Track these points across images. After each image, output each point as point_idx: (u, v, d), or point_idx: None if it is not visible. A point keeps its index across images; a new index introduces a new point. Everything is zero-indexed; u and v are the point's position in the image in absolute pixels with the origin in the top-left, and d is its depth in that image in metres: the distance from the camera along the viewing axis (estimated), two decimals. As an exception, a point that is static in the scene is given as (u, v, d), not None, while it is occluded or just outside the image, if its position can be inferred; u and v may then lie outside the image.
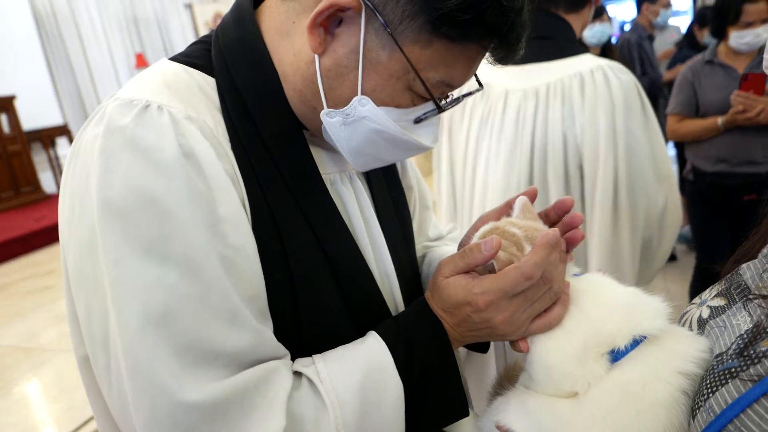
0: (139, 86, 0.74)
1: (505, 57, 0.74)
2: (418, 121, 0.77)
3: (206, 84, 0.77)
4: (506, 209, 0.89)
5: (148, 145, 0.66)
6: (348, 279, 0.80)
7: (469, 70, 0.75)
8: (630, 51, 4.53)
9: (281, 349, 0.73)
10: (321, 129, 0.78)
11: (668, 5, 4.56)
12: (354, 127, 0.75)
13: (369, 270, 0.83)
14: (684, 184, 3.32)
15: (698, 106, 2.93)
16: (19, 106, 7.48)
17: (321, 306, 0.77)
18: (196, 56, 0.80)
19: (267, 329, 0.71)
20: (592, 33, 3.86)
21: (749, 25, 2.67)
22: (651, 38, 4.65)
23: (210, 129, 0.72)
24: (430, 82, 0.72)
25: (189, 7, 10.77)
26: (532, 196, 0.87)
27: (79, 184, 0.69)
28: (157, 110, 0.69)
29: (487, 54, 0.75)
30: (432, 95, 0.73)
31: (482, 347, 1.01)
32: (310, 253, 0.77)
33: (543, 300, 0.75)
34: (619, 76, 1.68)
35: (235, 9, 0.82)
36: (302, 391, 0.70)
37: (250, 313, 0.69)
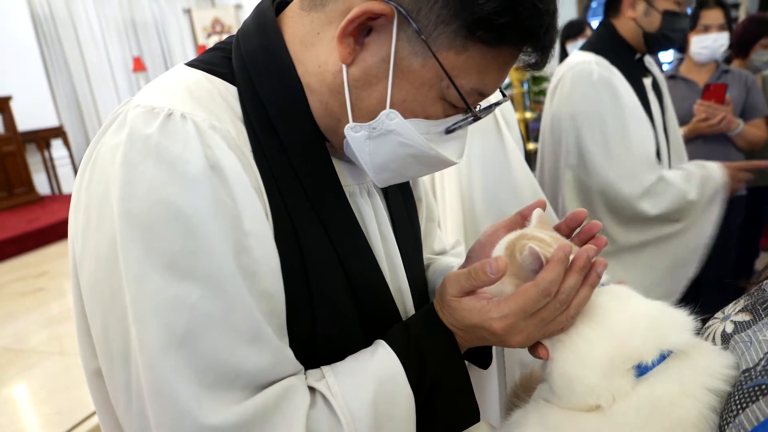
0: (159, 92, 0.71)
1: (538, 62, 0.73)
2: (449, 131, 0.75)
3: (228, 92, 0.75)
4: (519, 219, 0.88)
5: (174, 157, 0.64)
6: (365, 295, 0.78)
7: (501, 76, 0.74)
8: None
9: (298, 365, 0.71)
10: (343, 143, 0.76)
11: None
12: (379, 142, 0.73)
13: (386, 286, 0.82)
14: None
15: None
16: (15, 106, 7.44)
17: (337, 321, 0.76)
18: (216, 63, 0.78)
19: (285, 346, 0.70)
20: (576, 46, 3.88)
21: (707, 29, 2.80)
22: None
23: (234, 139, 0.70)
24: (464, 90, 0.70)
25: (188, 12, 10.77)
26: (542, 208, 0.86)
27: (97, 194, 0.66)
28: (181, 119, 0.67)
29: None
30: (466, 102, 0.71)
31: (483, 362, 1.00)
32: (331, 268, 0.75)
33: (559, 321, 0.73)
34: None
35: (257, 16, 0.80)
36: (317, 408, 0.69)
37: (271, 330, 0.67)
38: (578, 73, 2.16)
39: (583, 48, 2.27)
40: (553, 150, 2.28)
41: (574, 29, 4.03)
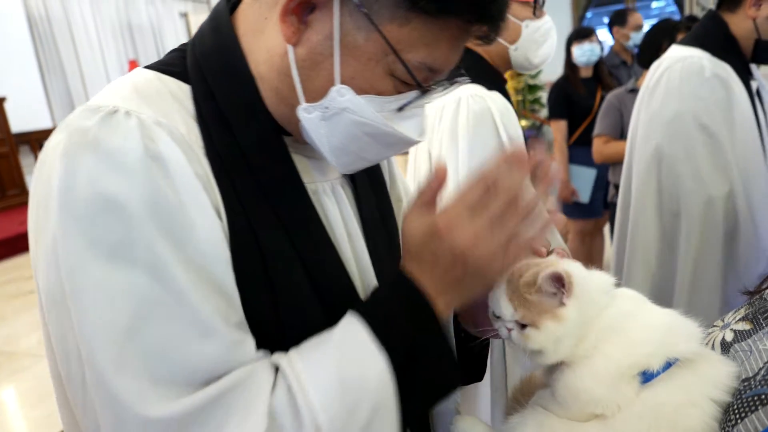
0: (108, 93, 0.71)
1: (487, 35, 0.71)
2: (401, 108, 0.73)
3: (180, 91, 0.74)
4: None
5: (113, 147, 0.63)
6: (329, 292, 0.76)
7: (452, 51, 0.72)
8: None
9: (258, 355, 0.68)
10: (301, 132, 0.75)
11: (639, 27, 4.47)
12: (334, 122, 0.72)
13: (352, 283, 0.80)
14: (610, 207, 3.50)
15: (623, 130, 3.13)
16: (9, 108, 7.42)
17: (302, 317, 0.74)
18: (172, 64, 0.78)
19: (245, 340, 0.67)
20: (582, 52, 3.87)
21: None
22: (626, 65, 4.58)
23: (181, 134, 0.69)
24: (411, 64, 0.69)
25: (184, 15, 10.77)
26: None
27: (43, 191, 0.66)
28: (125, 115, 0.66)
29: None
30: (414, 77, 0.69)
31: (478, 374, 0.99)
32: (290, 264, 0.73)
33: (511, 216, 0.68)
34: (471, 107, 1.77)
35: (212, 16, 0.80)
36: (278, 389, 0.65)
37: (222, 323, 0.65)
38: (687, 67, 1.92)
39: (684, 42, 2.01)
40: (648, 153, 2.05)
41: (583, 32, 4.03)
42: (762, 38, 1.84)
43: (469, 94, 1.79)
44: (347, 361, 0.66)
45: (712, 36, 1.92)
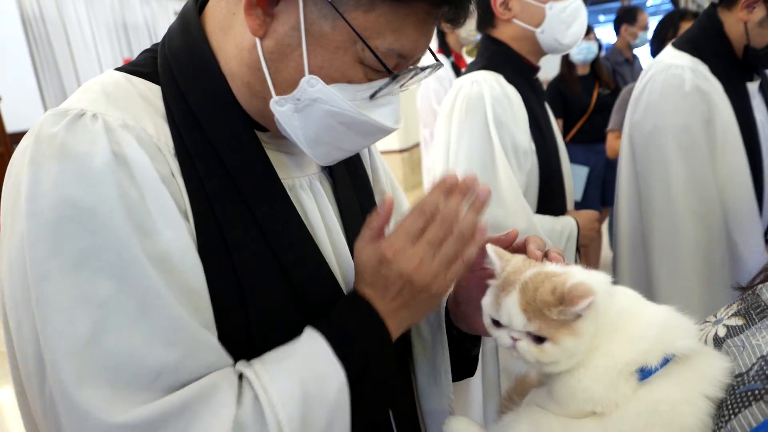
0: (77, 96, 0.72)
1: (455, 17, 0.72)
2: (373, 96, 0.73)
3: (149, 92, 0.74)
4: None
5: (78, 153, 0.64)
6: (308, 289, 0.77)
7: (420, 36, 0.72)
8: None
9: (226, 361, 0.69)
10: (276, 125, 0.76)
11: (646, 27, 4.51)
12: (307, 114, 0.72)
13: (334, 278, 0.81)
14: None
15: None
16: (3, 107, 7.38)
17: (274, 317, 0.75)
18: (142, 65, 0.79)
19: (211, 342, 0.68)
20: (578, 50, 3.90)
21: None
22: (629, 62, 4.59)
23: (149, 136, 0.69)
24: (380, 51, 0.69)
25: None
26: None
27: (10, 198, 0.66)
28: (92, 118, 0.66)
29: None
30: (384, 63, 0.70)
31: (469, 370, 0.99)
32: (262, 264, 0.74)
33: (450, 243, 0.73)
34: (467, 93, 1.80)
35: (181, 15, 0.81)
36: (243, 399, 0.67)
37: (187, 327, 0.65)
38: (668, 80, 1.90)
39: (678, 43, 1.98)
40: (636, 166, 2.04)
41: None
42: (750, 45, 1.77)
43: (473, 80, 1.80)
44: (310, 376, 0.68)
45: (704, 37, 1.88)
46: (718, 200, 1.87)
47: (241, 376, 0.69)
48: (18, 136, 7.88)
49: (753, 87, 1.93)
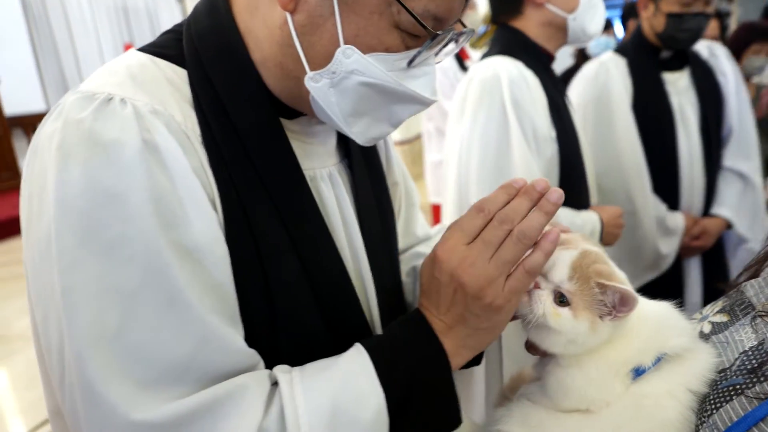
0: (102, 78, 0.69)
1: None
2: (411, 62, 0.70)
3: (176, 76, 0.72)
4: None
5: (108, 140, 0.62)
6: (324, 282, 0.76)
7: None
8: None
9: (253, 356, 0.68)
10: (311, 106, 0.73)
11: None
12: (343, 87, 0.69)
13: (347, 273, 0.79)
14: None
15: None
16: (2, 90, 7.36)
17: (297, 311, 0.73)
18: (167, 46, 0.75)
19: (237, 336, 0.67)
20: (597, 43, 3.98)
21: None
22: None
23: (177, 123, 0.67)
24: (416, 12, 0.66)
25: (181, -1, 10.68)
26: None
27: (37, 183, 0.64)
28: (120, 103, 0.64)
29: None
30: (422, 23, 0.67)
31: (476, 359, 0.98)
32: (285, 256, 0.72)
33: (507, 246, 0.67)
34: (482, 75, 1.73)
35: None
36: (272, 410, 0.64)
37: (218, 319, 0.64)
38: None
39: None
40: None
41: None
42: (657, 32, 2.12)
43: (488, 64, 1.73)
44: (347, 393, 0.65)
45: (632, 41, 2.26)
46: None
47: (276, 383, 0.67)
48: (16, 120, 7.86)
49: (674, 77, 2.23)
